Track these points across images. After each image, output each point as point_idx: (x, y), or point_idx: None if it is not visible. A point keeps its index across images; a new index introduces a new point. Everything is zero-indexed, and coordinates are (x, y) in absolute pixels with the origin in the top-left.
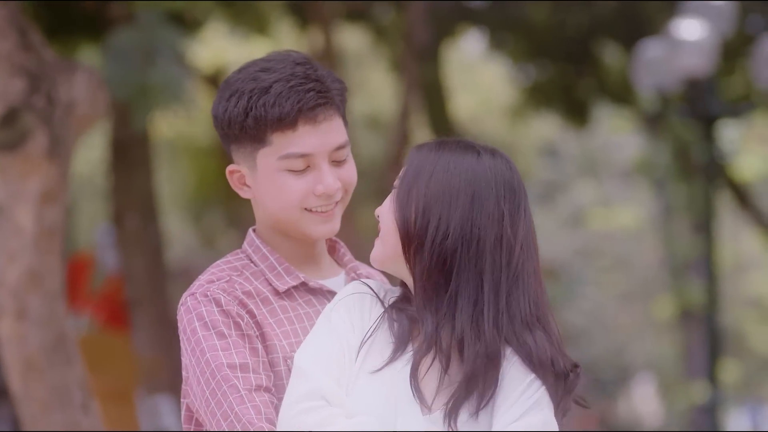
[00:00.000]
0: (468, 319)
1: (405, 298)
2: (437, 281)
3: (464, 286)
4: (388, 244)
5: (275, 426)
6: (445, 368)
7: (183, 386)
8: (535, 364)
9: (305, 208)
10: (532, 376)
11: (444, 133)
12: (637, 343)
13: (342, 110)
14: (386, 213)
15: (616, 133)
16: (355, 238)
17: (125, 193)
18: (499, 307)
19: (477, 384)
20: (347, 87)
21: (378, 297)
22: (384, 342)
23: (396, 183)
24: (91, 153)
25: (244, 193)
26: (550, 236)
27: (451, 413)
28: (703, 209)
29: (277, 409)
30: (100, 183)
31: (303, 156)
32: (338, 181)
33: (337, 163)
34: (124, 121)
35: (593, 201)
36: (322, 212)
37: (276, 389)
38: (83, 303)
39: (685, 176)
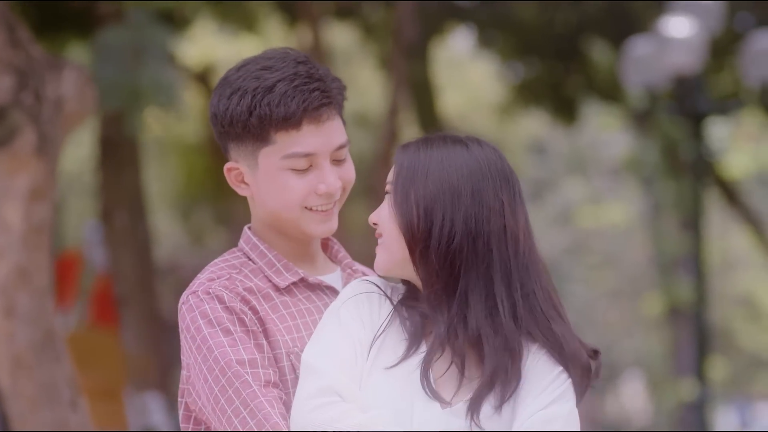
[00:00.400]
0: (483, 315)
1: (412, 295)
2: (446, 281)
3: (474, 284)
4: (393, 251)
5: (287, 421)
6: (461, 369)
7: (181, 385)
8: (563, 357)
9: (306, 207)
10: (560, 368)
11: (433, 131)
12: (626, 340)
13: (341, 109)
14: (386, 220)
15: (605, 131)
16: (345, 234)
17: (113, 191)
18: (514, 299)
19: (500, 377)
20: (345, 86)
21: (386, 294)
22: (396, 339)
23: (389, 188)
24: (80, 150)
25: (241, 191)
26: (539, 234)
27: (474, 406)
28: (692, 207)
29: (285, 405)
30: (88, 180)
31: (307, 155)
32: (339, 180)
33: (338, 162)
34: (112, 118)
35: (582, 198)
36: (322, 211)
37: (281, 385)
38: (72, 300)
39: (674, 174)
